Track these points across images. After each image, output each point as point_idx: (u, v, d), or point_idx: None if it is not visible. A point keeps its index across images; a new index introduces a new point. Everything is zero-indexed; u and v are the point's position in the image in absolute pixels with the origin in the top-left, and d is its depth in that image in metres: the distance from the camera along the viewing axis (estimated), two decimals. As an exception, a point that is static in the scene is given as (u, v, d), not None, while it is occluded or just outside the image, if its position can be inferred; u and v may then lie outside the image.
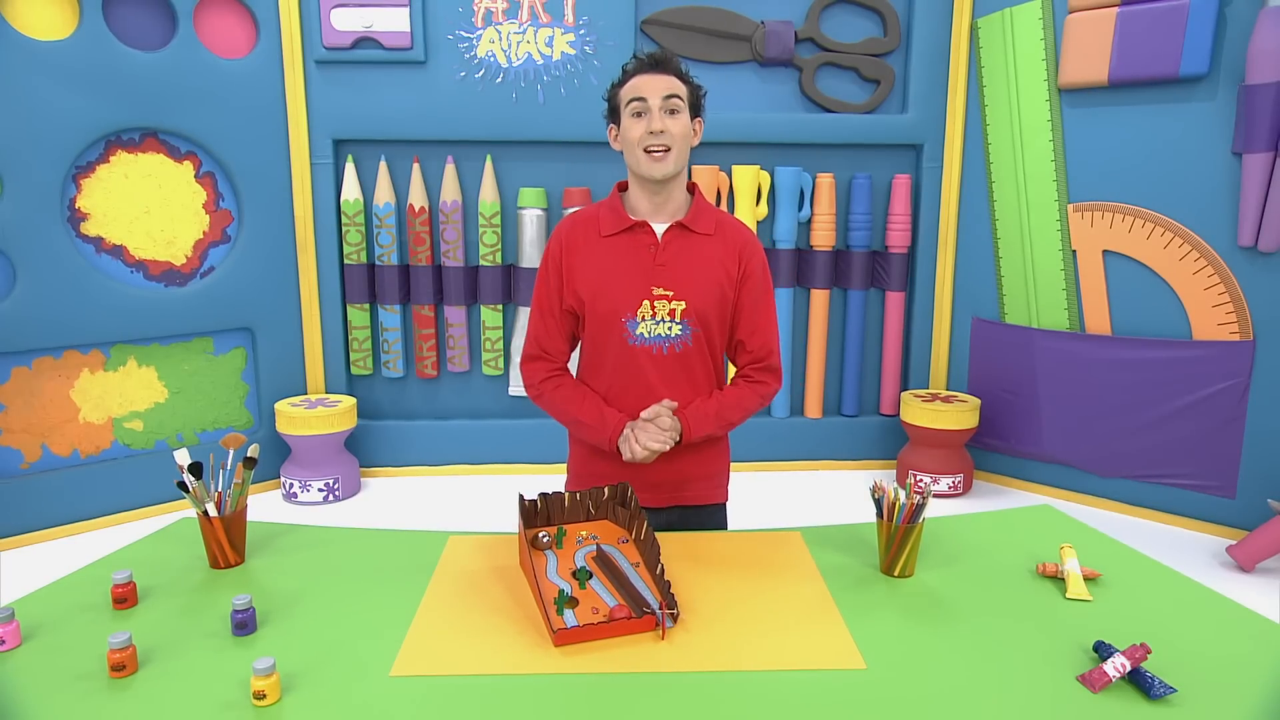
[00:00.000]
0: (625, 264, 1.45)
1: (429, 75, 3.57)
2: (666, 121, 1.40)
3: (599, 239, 1.48)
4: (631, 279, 1.45)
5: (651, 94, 1.40)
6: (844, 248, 3.85)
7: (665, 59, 1.44)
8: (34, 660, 1.16)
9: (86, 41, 3.08)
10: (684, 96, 1.43)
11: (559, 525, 1.43)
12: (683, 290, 1.44)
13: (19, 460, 3.16)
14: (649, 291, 1.44)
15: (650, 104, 1.40)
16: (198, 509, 1.38)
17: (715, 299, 1.47)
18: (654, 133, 1.39)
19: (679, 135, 1.41)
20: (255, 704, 1.06)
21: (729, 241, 1.49)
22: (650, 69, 1.42)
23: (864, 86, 3.76)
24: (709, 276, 1.46)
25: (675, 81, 1.43)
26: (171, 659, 1.16)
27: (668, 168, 1.41)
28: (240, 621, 1.22)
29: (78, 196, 3.19)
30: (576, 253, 1.48)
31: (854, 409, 3.96)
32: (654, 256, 1.45)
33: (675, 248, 1.46)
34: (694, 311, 1.45)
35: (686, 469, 1.54)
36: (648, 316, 1.45)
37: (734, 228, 1.52)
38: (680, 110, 1.42)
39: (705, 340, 1.48)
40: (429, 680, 1.13)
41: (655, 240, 1.46)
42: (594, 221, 1.50)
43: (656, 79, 1.41)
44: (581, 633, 1.19)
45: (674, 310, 1.45)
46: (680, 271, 1.45)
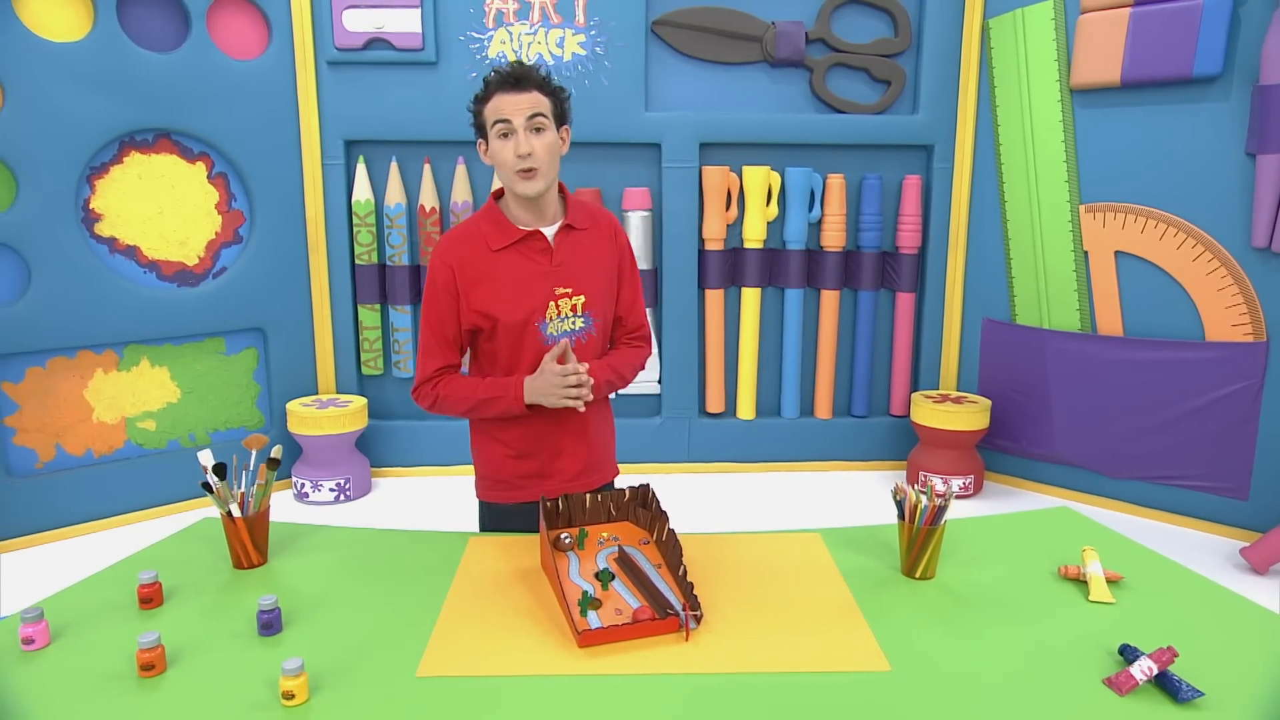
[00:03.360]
0: (525, 272, 1.50)
1: (440, 76, 3.58)
2: (533, 141, 1.42)
3: (490, 254, 1.50)
4: (535, 285, 1.50)
5: (515, 114, 1.41)
6: (854, 248, 3.85)
7: (525, 74, 1.44)
8: (63, 659, 1.17)
9: (101, 43, 3.09)
10: (548, 112, 1.45)
11: (580, 527, 1.44)
12: (581, 285, 1.53)
13: (34, 460, 3.18)
14: (552, 293, 1.51)
15: (515, 124, 1.41)
16: (221, 509, 1.38)
17: (606, 286, 1.58)
18: (522, 156, 1.42)
19: (546, 153, 1.44)
20: (284, 704, 1.07)
21: (604, 230, 1.60)
22: (512, 86, 1.43)
23: (875, 87, 3.76)
24: (598, 266, 1.57)
25: (538, 98, 1.44)
26: (199, 659, 1.17)
27: (539, 186, 1.46)
28: (266, 622, 1.22)
29: (91, 197, 3.20)
30: (469, 272, 1.50)
31: (864, 410, 3.96)
32: (550, 260, 1.52)
33: (566, 247, 1.54)
34: (593, 303, 1.55)
35: (597, 451, 1.65)
36: (555, 316, 1.52)
37: (604, 216, 1.62)
38: (545, 127, 1.44)
39: (603, 326, 1.59)
40: (455, 681, 1.13)
41: (548, 245, 1.52)
42: (479, 238, 1.51)
43: (519, 97, 1.42)
44: (605, 634, 1.19)
45: (576, 305, 1.54)
46: (576, 268, 1.54)
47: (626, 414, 3.92)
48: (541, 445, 1.56)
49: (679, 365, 3.85)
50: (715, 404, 3.93)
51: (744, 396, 3.92)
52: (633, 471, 3.87)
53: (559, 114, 1.47)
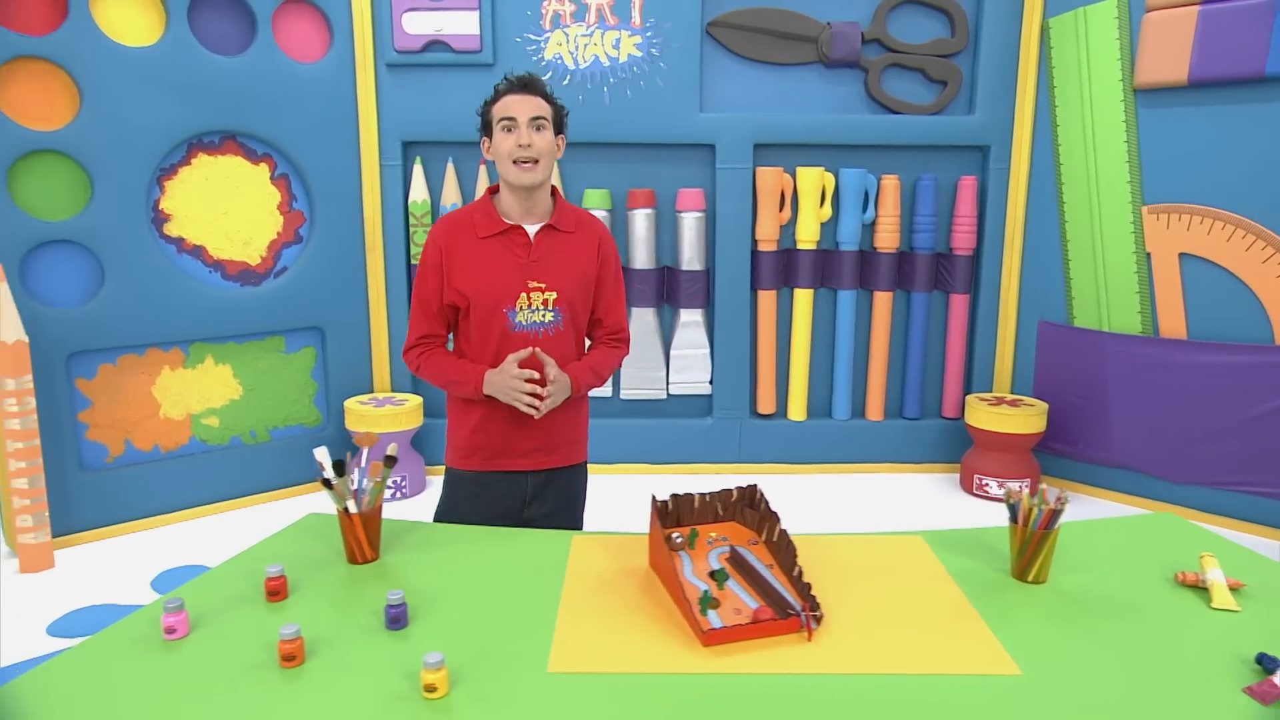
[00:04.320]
0: (503, 262, 1.64)
1: (497, 77, 3.56)
2: (534, 137, 1.58)
3: (476, 240, 1.65)
4: (510, 274, 1.64)
5: (520, 113, 1.57)
6: (908, 250, 3.83)
7: (532, 81, 1.62)
8: (203, 649, 1.20)
9: (172, 47, 3.16)
10: (549, 117, 1.61)
11: (692, 527, 1.45)
12: (554, 282, 1.65)
13: (104, 454, 3.25)
14: (525, 284, 1.64)
15: (519, 121, 1.57)
16: (339, 505, 1.41)
17: (580, 286, 1.69)
18: (522, 145, 1.57)
19: (545, 149, 1.59)
20: (425, 696, 1.09)
21: (589, 236, 1.71)
22: (520, 90, 1.60)
23: (930, 87, 3.73)
24: (575, 268, 1.68)
25: (542, 103, 1.61)
26: (334, 651, 1.20)
27: (536, 177, 1.60)
28: (394, 616, 1.25)
29: (161, 198, 3.27)
30: (455, 254, 1.65)
31: (916, 412, 3.94)
32: (528, 254, 1.65)
33: (545, 245, 1.66)
34: (564, 300, 1.66)
35: (555, 435, 1.73)
36: (525, 306, 1.64)
37: (591, 224, 1.73)
38: (546, 128, 1.60)
39: (572, 322, 1.69)
40: (585, 677, 1.15)
41: (528, 240, 1.65)
42: (469, 225, 1.66)
43: (525, 100, 1.59)
44: (729, 633, 1.20)
45: (547, 299, 1.65)
46: (551, 266, 1.65)
47: (677, 414, 3.93)
48: (499, 422, 1.68)
49: (730, 366, 3.85)
50: (766, 405, 3.93)
51: (795, 397, 3.91)
52: (683, 472, 3.88)
53: (558, 122, 1.63)
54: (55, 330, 3.05)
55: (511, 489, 1.72)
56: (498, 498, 1.72)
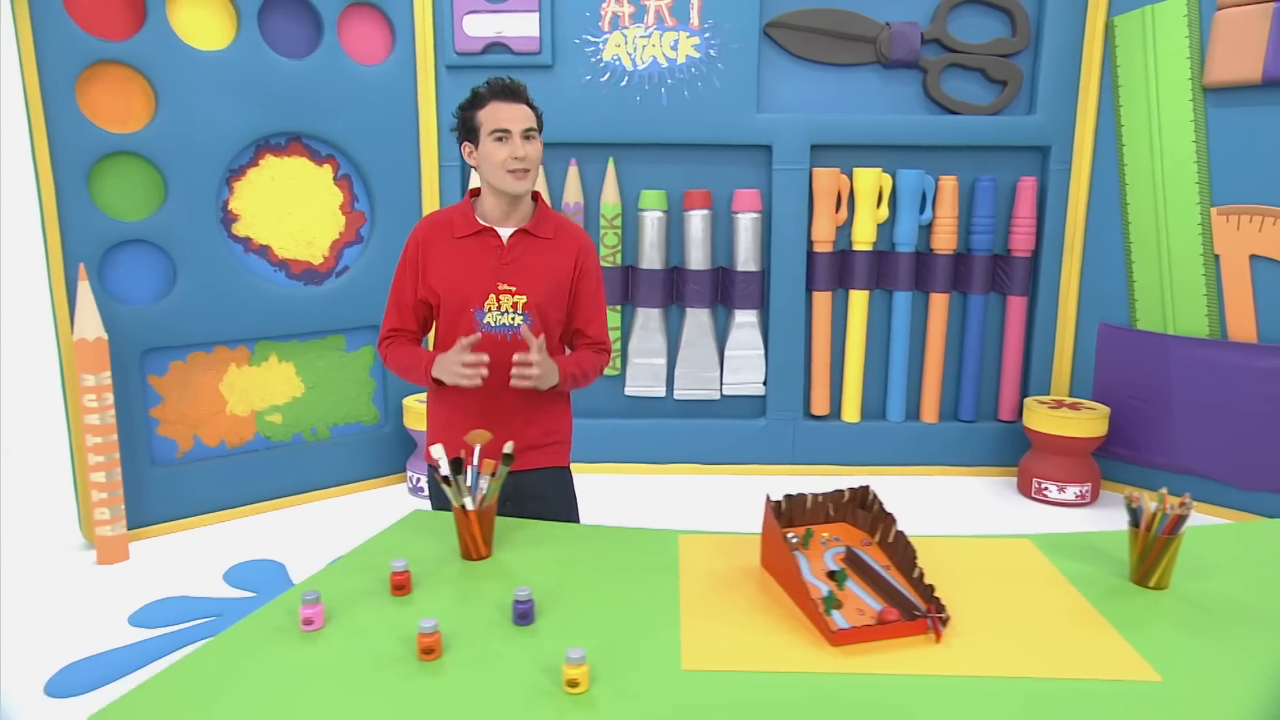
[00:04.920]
0: (475, 263, 1.67)
1: (555, 79, 3.64)
2: (527, 147, 1.61)
3: (452, 240, 1.69)
4: (480, 276, 1.66)
5: (514, 125, 1.60)
6: (965, 251, 3.80)
7: (518, 88, 1.63)
8: (341, 641, 1.23)
9: (243, 50, 3.22)
10: (536, 125, 1.64)
11: (806, 527, 1.45)
12: (524, 286, 1.66)
13: (174, 450, 3.32)
14: (495, 286, 1.66)
15: (513, 133, 1.60)
16: (456, 502, 1.44)
17: (551, 292, 1.69)
18: (518, 158, 1.60)
19: (535, 159, 1.64)
20: (567, 691, 1.11)
21: (567, 245, 1.71)
22: (509, 98, 1.62)
23: (990, 88, 3.70)
24: (547, 274, 1.68)
25: (530, 112, 1.63)
26: (467, 645, 1.22)
27: (527, 185, 1.64)
28: (522, 612, 1.27)
29: (230, 198, 3.33)
30: (431, 251, 1.69)
31: (971, 414, 3.91)
32: (500, 257, 1.66)
33: (519, 249, 1.68)
34: (534, 304, 1.66)
35: (531, 437, 1.72)
36: (494, 308, 1.66)
37: (572, 233, 1.74)
38: (535, 137, 1.64)
39: (541, 326, 1.69)
40: (719, 675, 1.16)
41: (501, 243, 1.67)
42: (448, 225, 1.70)
43: (514, 109, 1.61)
44: (858, 634, 1.21)
45: (516, 303, 1.67)
46: (523, 270, 1.67)
47: (731, 415, 3.93)
48: (466, 415, 1.69)
49: (784, 367, 3.85)
50: (820, 406, 3.92)
51: (849, 399, 3.90)
52: (735, 473, 3.88)
53: (540, 128, 1.67)
54: (130, 328, 3.12)
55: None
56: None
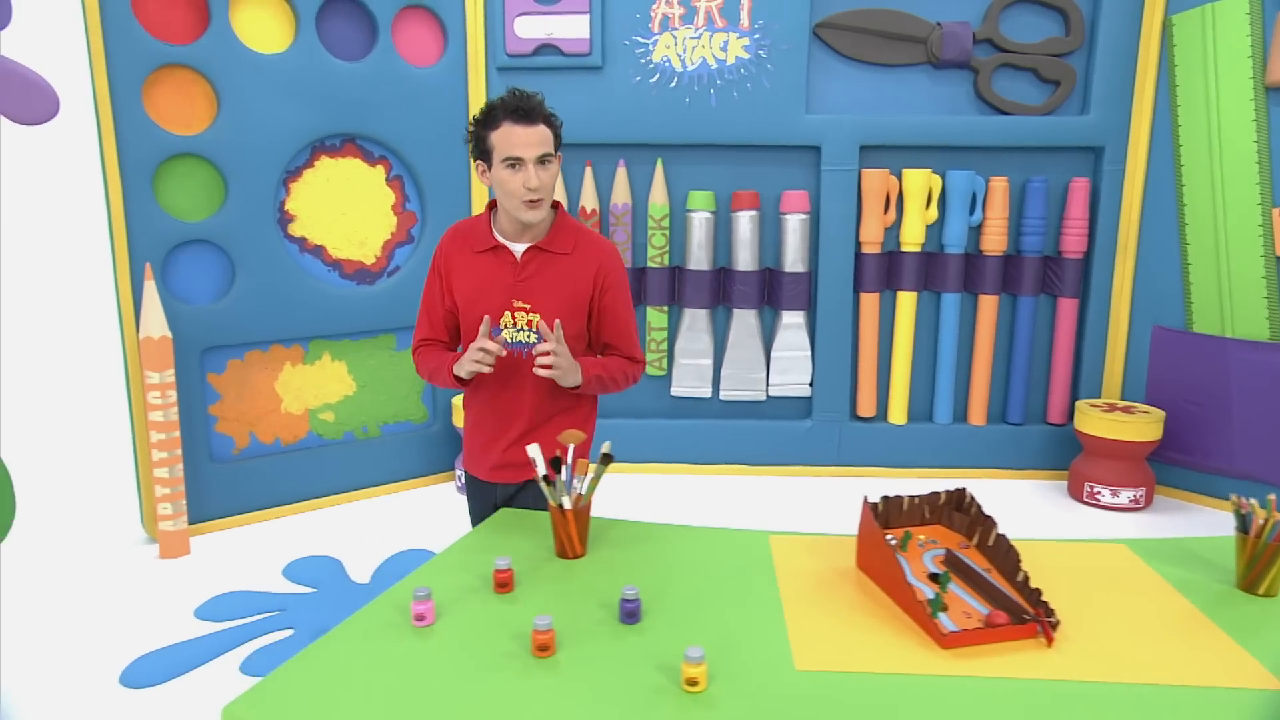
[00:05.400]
0: (491, 279, 1.62)
1: (605, 80, 3.65)
2: (541, 175, 1.53)
3: (473, 254, 1.65)
4: (496, 293, 1.62)
5: (527, 152, 1.50)
6: (1015, 253, 3.77)
7: (534, 108, 1.52)
8: (454, 637, 1.24)
9: (301, 53, 3.26)
10: (553, 147, 1.55)
11: (905, 529, 1.45)
12: (539, 303, 1.60)
13: (231, 447, 3.38)
14: (510, 303, 1.61)
15: (527, 161, 1.51)
16: (554, 501, 1.45)
17: (569, 310, 1.62)
18: (531, 189, 1.52)
19: (551, 184, 1.56)
20: (686, 689, 1.12)
21: (586, 260, 1.63)
22: (523, 119, 1.51)
23: (1042, 88, 3.67)
24: (562, 291, 1.61)
25: (546, 134, 1.54)
26: (578, 643, 1.23)
27: (541, 214, 1.57)
28: (630, 610, 1.28)
29: (286, 199, 3.38)
30: (454, 263, 1.66)
31: (1020, 417, 3.87)
32: (514, 274, 1.61)
33: (533, 266, 1.62)
34: (548, 322, 1.59)
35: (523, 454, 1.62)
36: (509, 325, 1.62)
37: (592, 246, 1.65)
38: (552, 161, 1.55)
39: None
40: (833, 675, 1.17)
41: (515, 260, 1.62)
42: (470, 237, 1.66)
43: (530, 133, 1.51)
44: (969, 637, 1.21)
45: (531, 320, 1.61)
46: (536, 287, 1.61)
47: (776, 416, 3.93)
48: (484, 424, 1.69)
49: (831, 368, 3.83)
50: (867, 408, 3.90)
51: (896, 401, 3.88)
52: (781, 474, 3.88)
53: (558, 144, 1.57)
54: (190, 326, 3.17)
55: (487, 498, 1.76)
56: (483, 506, 1.77)
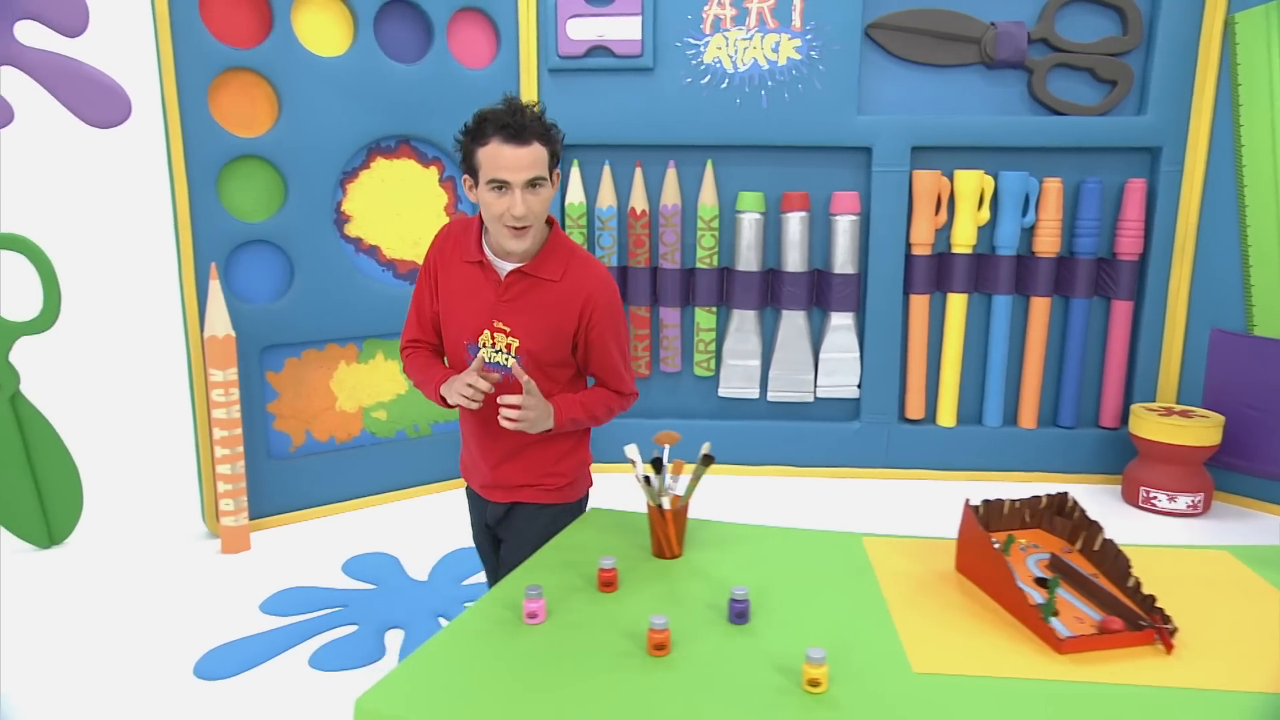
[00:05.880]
0: (474, 294, 1.52)
1: (656, 81, 3.66)
2: (529, 200, 1.39)
3: (461, 261, 1.54)
4: (477, 308, 1.51)
5: (515, 176, 1.37)
6: (1068, 254, 3.73)
7: (527, 125, 1.39)
8: (566, 635, 1.26)
9: (359, 56, 3.30)
10: (546, 167, 1.42)
11: (1008, 533, 1.45)
12: (518, 329, 1.49)
13: (288, 444, 3.43)
14: (490, 323, 1.50)
15: (514, 185, 1.37)
16: (653, 502, 1.46)
17: (548, 341, 1.51)
18: (516, 216, 1.39)
19: (539, 210, 1.43)
20: (808, 690, 1.12)
21: (574, 290, 1.49)
22: (513, 139, 1.38)
23: (1098, 88, 3.63)
24: (545, 321, 1.49)
25: (540, 153, 1.40)
26: (692, 642, 1.24)
27: (525, 243, 1.44)
28: (739, 611, 1.29)
29: (343, 200, 3.42)
30: (443, 268, 1.56)
31: (1072, 420, 3.83)
32: (496, 294, 1.50)
33: (518, 289, 1.50)
34: (525, 350, 1.50)
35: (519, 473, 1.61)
36: (488, 344, 1.51)
37: (582, 274, 1.50)
38: (543, 184, 1.42)
39: (536, 370, 1.52)
40: (951, 679, 1.17)
41: (499, 279, 1.50)
42: (463, 241, 1.54)
43: (520, 154, 1.37)
44: (1086, 642, 1.20)
45: (509, 345, 1.51)
46: (519, 312, 1.49)
47: (824, 417, 3.92)
48: (476, 440, 1.63)
49: (879, 370, 3.82)
50: (915, 410, 3.88)
51: (945, 403, 3.85)
52: (828, 475, 3.86)
53: (554, 162, 1.45)
54: (250, 325, 3.22)
55: (481, 510, 1.71)
56: (479, 518, 1.73)
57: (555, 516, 1.65)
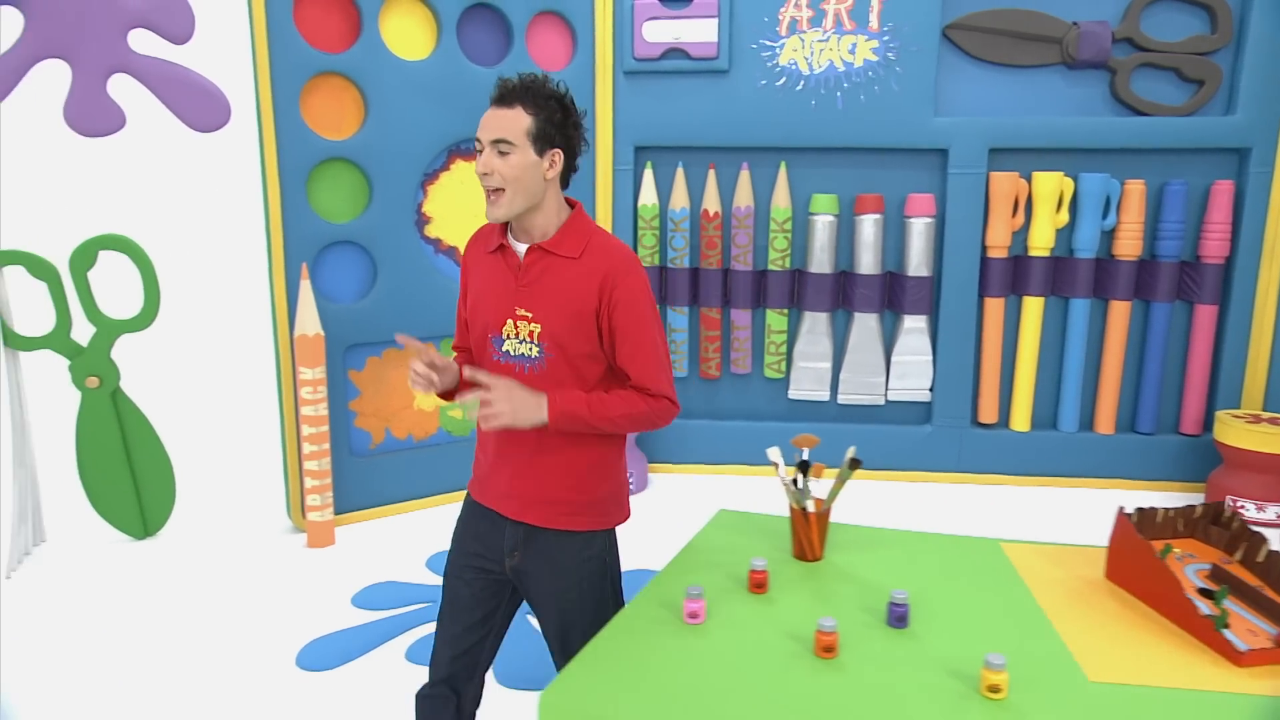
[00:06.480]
0: (496, 282, 1.46)
1: (730, 84, 3.66)
2: (495, 162, 1.35)
3: (485, 254, 1.50)
4: (500, 297, 1.45)
5: (483, 134, 1.36)
6: (1150, 257, 3.67)
7: (512, 90, 1.36)
8: (729, 635, 1.27)
9: (442, 59, 3.35)
10: (517, 137, 1.35)
11: (1165, 542, 1.43)
12: (540, 313, 1.42)
13: (369, 441, 3.49)
14: (513, 311, 1.43)
15: (482, 142, 1.36)
16: (797, 505, 1.47)
17: (570, 323, 1.41)
18: (481, 174, 1.36)
19: (510, 176, 1.36)
20: (988, 696, 1.12)
21: (592, 268, 1.41)
22: (496, 102, 1.37)
23: (1183, 88, 3.56)
24: (564, 301, 1.41)
25: (516, 117, 1.35)
26: (855, 646, 1.24)
27: (498, 210, 1.38)
28: (899, 615, 1.29)
29: (424, 202, 3.48)
30: (471, 265, 1.53)
31: (1151, 426, 3.76)
32: (517, 278, 1.44)
33: (537, 270, 1.43)
34: (549, 334, 1.42)
35: (537, 488, 1.45)
36: (512, 335, 1.44)
37: (602, 255, 1.42)
38: (513, 151, 1.35)
39: (564, 363, 1.42)
40: (1128, 689, 1.16)
41: (519, 262, 1.44)
42: (488, 234, 1.51)
43: (494, 116, 1.36)
44: (1267, 655, 1.18)
45: (533, 331, 1.43)
46: (539, 294, 1.43)
47: (895, 420, 3.89)
48: (485, 446, 1.52)
49: (952, 374, 3.78)
50: (988, 414, 3.84)
51: (1019, 407, 3.80)
52: (898, 479, 3.83)
53: (543, 135, 1.37)
54: (335, 324, 3.28)
55: (494, 529, 1.50)
56: (482, 532, 1.52)
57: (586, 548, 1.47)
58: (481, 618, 1.52)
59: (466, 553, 1.53)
